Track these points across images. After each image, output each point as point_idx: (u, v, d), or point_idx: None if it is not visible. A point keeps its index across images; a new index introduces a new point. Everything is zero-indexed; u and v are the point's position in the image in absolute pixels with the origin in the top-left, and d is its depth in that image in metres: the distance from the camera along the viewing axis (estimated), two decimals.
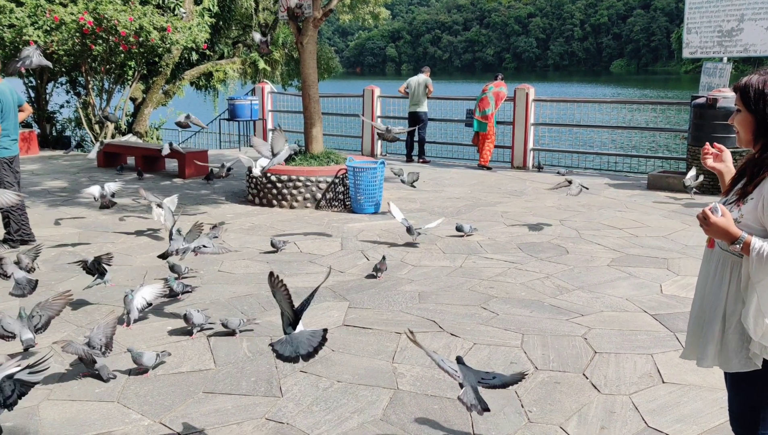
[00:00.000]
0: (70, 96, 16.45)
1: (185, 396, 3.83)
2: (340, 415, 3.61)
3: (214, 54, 18.35)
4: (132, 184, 10.48)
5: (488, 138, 12.30)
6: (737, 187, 2.41)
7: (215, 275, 6.07)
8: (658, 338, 4.59)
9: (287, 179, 8.89)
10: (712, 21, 9.97)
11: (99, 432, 3.44)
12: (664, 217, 8.41)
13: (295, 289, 5.58)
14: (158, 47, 13.40)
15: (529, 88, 12.48)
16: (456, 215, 8.44)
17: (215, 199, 9.54)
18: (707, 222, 2.27)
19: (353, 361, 4.26)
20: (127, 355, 4.34)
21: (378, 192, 8.72)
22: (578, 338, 4.58)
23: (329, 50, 20.86)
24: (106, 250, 6.77)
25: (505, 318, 4.97)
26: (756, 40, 9.60)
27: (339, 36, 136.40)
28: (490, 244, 7.11)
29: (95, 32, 12.66)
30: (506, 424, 3.52)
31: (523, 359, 4.27)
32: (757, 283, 2.26)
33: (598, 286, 5.68)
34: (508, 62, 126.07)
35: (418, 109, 13.20)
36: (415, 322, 4.88)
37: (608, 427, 3.48)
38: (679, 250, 6.79)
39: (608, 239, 7.26)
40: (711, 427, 3.44)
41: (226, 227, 7.40)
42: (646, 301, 5.33)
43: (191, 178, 11.26)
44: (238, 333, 4.66)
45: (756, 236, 2.25)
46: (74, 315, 5.06)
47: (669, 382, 3.95)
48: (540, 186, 10.65)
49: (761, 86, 2.30)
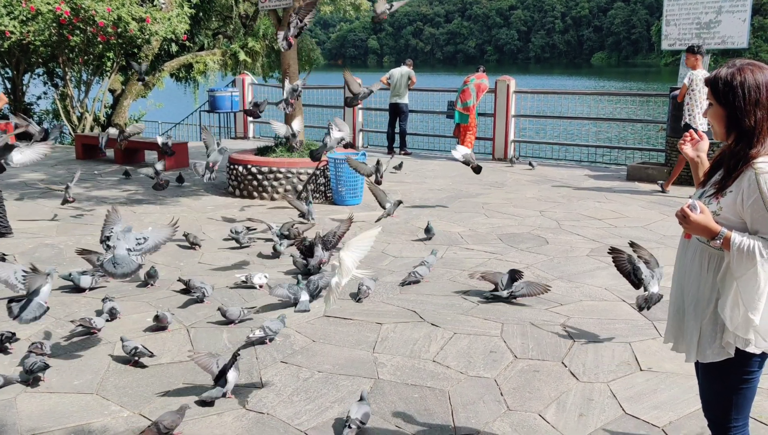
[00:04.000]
0: (47, 87, 16.24)
1: (165, 387, 3.81)
2: (321, 405, 3.62)
3: (194, 45, 18.18)
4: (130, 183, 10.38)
5: (470, 129, 12.33)
6: (714, 180, 2.43)
7: (196, 267, 6.04)
8: (636, 327, 4.64)
9: (268, 171, 8.86)
10: (691, 13, 10.05)
11: (78, 424, 3.42)
12: (642, 207, 8.49)
13: (276, 279, 5.58)
14: (137, 38, 13.26)
15: (510, 79, 12.52)
16: (437, 206, 8.46)
17: (195, 192, 9.49)
18: (687, 220, 2.28)
19: (334, 352, 4.27)
20: (106, 346, 4.32)
21: (359, 183, 8.71)
22: (557, 327, 4.62)
23: (310, 42, 20.72)
24: (84, 242, 6.73)
25: (485, 308, 5.00)
26: (733, 33, 9.69)
27: (320, 28, 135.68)
28: (471, 235, 7.14)
29: (72, 22, 12.51)
30: (485, 411, 3.55)
31: (503, 348, 4.30)
32: (738, 279, 2.28)
33: (577, 276, 5.73)
34: (490, 54, 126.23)
35: (400, 100, 13.19)
36: (395, 313, 4.90)
37: (586, 414, 3.52)
38: (658, 240, 6.86)
39: (588, 230, 7.32)
40: (687, 413, 3.49)
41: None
42: (625, 290, 5.37)
43: (171, 170, 11.16)
44: (236, 323, 4.68)
45: (735, 231, 2.27)
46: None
47: (646, 370, 3.99)
48: (521, 177, 10.71)
49: (729, 79, 2.31)
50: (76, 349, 4.28)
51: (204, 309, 4.98)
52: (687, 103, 9.01)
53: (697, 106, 8.89)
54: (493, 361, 4.12)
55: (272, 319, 4.46)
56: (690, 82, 8.90)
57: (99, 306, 4.87)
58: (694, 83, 8.86)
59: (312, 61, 20.37)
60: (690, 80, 8.90)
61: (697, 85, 8.83)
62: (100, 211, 8.05)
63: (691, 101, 8.96)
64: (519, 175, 10.88)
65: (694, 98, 8.92)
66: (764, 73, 2.30)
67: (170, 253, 6.43)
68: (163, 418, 3.24)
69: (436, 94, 15.04)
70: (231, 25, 18.98)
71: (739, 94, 2.29)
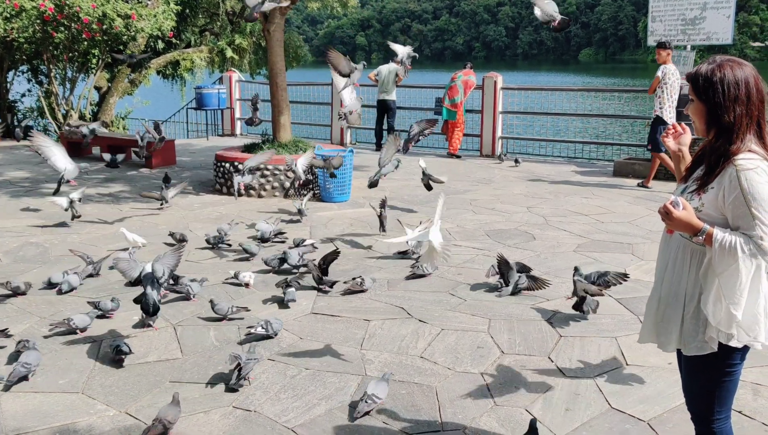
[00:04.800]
0: (31, 85, 16.10)
1: (152, 386, 3.79)
2: (308, 402, 3.61)
3: (180, 42, 18.07)
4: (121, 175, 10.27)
5: (457, 126, 12.34)
6: (696, 176, 2.45)
7: (183, 265, 6.00)
8: (622, 322, 4.67)
9: (255, 168, 8.81)
10: (676, 9, 10.11)
11: (63, 423, 3.40)
12: (629, 203, 8.53)
13: (263, 278, 5.57)
14: (123, 35, 13.15)
15: (497, 76, 12.53)
16: (425, 204, 8.47)
17: (182, 189, 9.42)
18: (669, 216, 2.30)
19: (322, 349, 4.27)
20: (92, 345, 4.29)
21: (347, 181, 8.70)
22: (544, 323, 4.64)
23: (298, 38, 20.62)
24: (70, 241, 6.68)
25: (473, 304, 5.01)
26: (718, 29, 9.76)
27: (308, 24, 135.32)
28: (459, 231, 7.15)
29: (57, 19, 12.39)
30: (472, 407, 3.56)
31: (490, 343, 4.31)
32: (719, 274, 2.30)
33: (564, 272, 5.75)
34: (478, 51, 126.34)
35: (387, 97, 13.18)
36: (383, 309, 4.90)
37: (573, 408, 3.54)
38: (644, 236, 6.90)
39: (574, 225, 7.35)
40: (672, 407, 3.51)
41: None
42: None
43: (158, 167, 11.11)
44: (226, 320, 4.70)
45: (717, 227, 2.29)
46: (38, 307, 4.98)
47: (632, 365, 4.02)
48: (508, 174, 10.73)
49: (710, 75, 2.33)
50: (62, 348, 4.25)
51: (191, 307, 4.97)
52: (658, 96, 9.25)
53: (668, 99, 9.14)
54: (481, 357, 4.13)
55: (274, 318, 4.49)
56: (663, 76, 9.12)
57: (85, 306, 4.85)
58: (667, 76, 9.10)
59: (299, 58, 20.29)
60: (663, 73, 9.13)
61: (669, 78, 9.08)
62: (86, 209, 8.00)
63: (663, 94, 9.19)
64: (506, 172, 10.91)
65: (666, 91, 9.15)
66: (743, 69, 2.32)
67: (157, 252, 6.39)
68: (165, 414, 3.25)
69: (423, 90, 15.04)
70: (218, 22, 18.86)
71: (719, 90, 2.30)
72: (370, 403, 3.47)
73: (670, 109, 9.12)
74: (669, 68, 9.13)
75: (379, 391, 3.52)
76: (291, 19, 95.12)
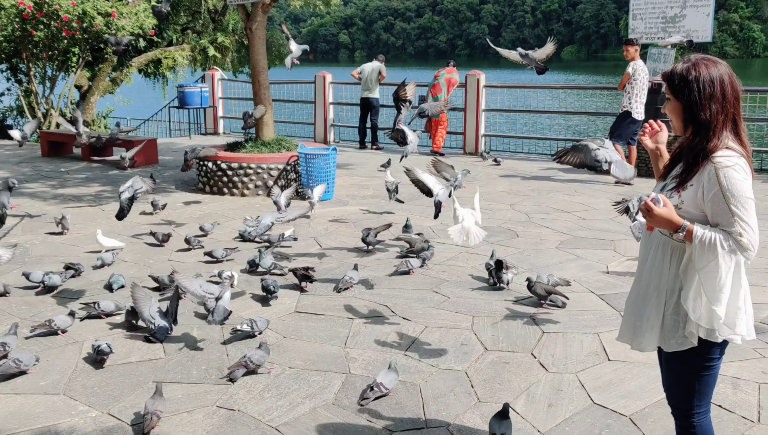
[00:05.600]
0: (11, 83, 15.91)
1: (134, 386, 3.77)
2: (292, 401, 3.61)
3: (162, 41, 17.95)
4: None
5: (441, 124, 12.36)
6: (675, 173, 2.47)
7: (166, 265, 5.98)
8: (604, 317, 4.70)
9: (238, 167, 8.79)
10: (656, 7, 10.18)
11: (44, 425, 3.37)
12: (611, 199, 8.57)
13: (246, 278, 5.55)
14: (103, 33, 13.04)
15: (480, 74, 12.57)
16: (410, 201, 8.47)
17: (165, 188, 9.38)
18: (650, 213, 2.32)
19: (305, 347, 4.26)
20: (73, 346, 4.26)
21: (331, 179, 8.69)
22: (527, 319, 4.66)
23: (281, 37, 20.57)
24: (50, 241, 6.62)
25: (456, 301, 5.03)
26: (697, 26, 9.84)
27: (291, 22, 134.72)
28: (442, 228, 7.15)
29: (36, 17, 12.27)
30: (456, 404, 3.57)
31: (474, 341, 4.33)
32: (700, 270, 2.32)
33: (546, 268, 5.78)
34: (461, 49, 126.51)
35: (370, 95, 13.18)
36: (367, 307, 4.90)
37: (555, 404, 3.56)
38: (625, 232, 6.95)
39: (557, 223, 7.39)
40: (654, 402, 3.54)
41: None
42: (593, 281, 5.45)
43: (140, 167, 11.02)
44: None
45: (698, 223, 2.32)
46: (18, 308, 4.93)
47: (614, 360, 4.05)
48: (491, 171, 10.76)
49: (685, 74, 2.36)
50: (42, 349, 4.21)
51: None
52: (627, 92, 9.49)
53: (636, 95, 9.39)
54: (464, 354, 4.15)
55: (260, 317, 4.52)
56: (633, 72, 9.36)
57: (63, 308, 4.81)
58: (637, 73, 9.35)
59: (283, 56, 20.22)
60: (633, 70, 9.37)
61: (639, 75, 9.33)
62: (66, 209, 7.92)
63: (632, 90, 9.44)
64: (490, 169, 10.94)
65: (635, 87, 9.38)
66: (718, 67, 2.35)
67: (139, 251, 6.37)
68: (154, 406, 3.32)
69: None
70: (200, 20, 18.75)
71: (694, 88, 2.33)
72: (377, 391, 3.55)
73: (638, 104, 9.38)
74: (638, 64, 9.40)
75: (387, 381, 3.60)
76: (273, 17, 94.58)
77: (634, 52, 9.48)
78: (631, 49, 9.50)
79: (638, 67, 9.35)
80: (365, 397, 3.55)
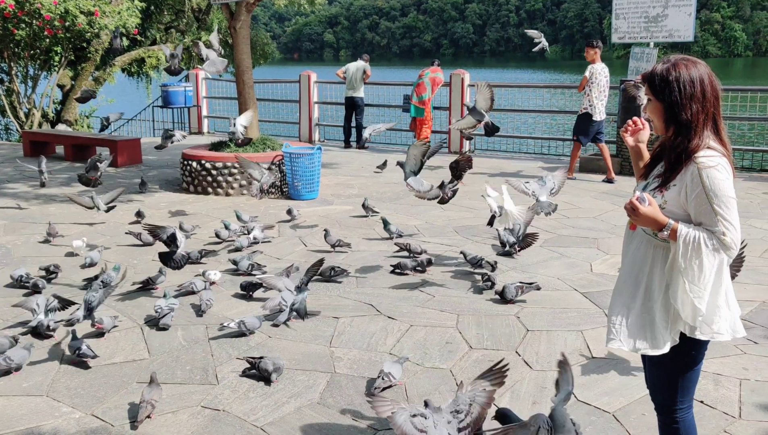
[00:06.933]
0: None
1: (118, 387, 3.75)
2: (277, 401, 3.61)
3: (146, 39, 17.87)
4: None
5: (425, 123, 12.37)
6: (656, 173, 2.49)
7: (150, 265, 5.95)
8: (587, 315, 4.74)
9: (222, 166, 8.76)
10: (639, 7, 10.25)
11: (27, 427, 3.35)
12: (594, 198, 8.65)
13: (230, 278, 5.54)
14: (86, 32, 12.96)
15: (464, 73, 12.61)
16: (395, 200, 8.49)
17: (149, 188, 9.32)
18: (636, 212, 2.34)
19: (290, 347, 4.26)
20: (56, 347, 4.23)
21: (316, 178, 8.68)
22: (511, 317, 4.69)
23: (265, 36, 20.52)
24: (33, 241, 6.56)
25: (441, 300, 5.04)
26: (680, 26, 9.92)
27: (276, 22, 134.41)
28: (428, 227, 7.19)
29: (17, 16, 12.15)
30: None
31: (458, 339, 4.35)
32: (684, 269, 2.34)
33: (530, 266, 5.81)
34: (446, 48, 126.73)
35: (355, 94, 13.18)
36: (352, 306, 4.90)
37: (540, 402, 3.58)
38: (609, 230, 7.01)
39: (541, 221, 7.40)
40: (637, 398, 3.58)
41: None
42: (577, 279, 5.49)
43: (124, 166, 10.97)
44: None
45: (682, 223, 2.34)
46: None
47: (597, 357, 4.08)
48: (476, 170, 10.78)
49: (665, 74, 2.38)
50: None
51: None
52: (587, 94, 9.63)
53: (596, 97, 9.52)
54: (449, 352, 4.17)
55: (253, 315, 4.52)
56: (590, 75, 9.52)
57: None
58: (594, 76, 9.49)
59: (267, 56, 20.19)
60: (590, 73, 9.53)
61: (597, 77, 9.48)
62: (48, 209, 7.87)
63: (591, 93, 9.57)
64: (474, 168, 10.94)
65: (593, 90, 9.53)
66: (698, 68, 2.37)
67: (123, 252, 6.33)
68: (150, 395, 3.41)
69: (391, 87, 15.04)
70: (184, 19, 18.68)
71: (674, 88, 2.36)
72: (386, 380, 3.62)
73: (599, 105, 9.53)
74: (596, 67, 9.53)
75: (394, 371, 3.67)
76: (258, 16, 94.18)
77: (593, 54, 9.59)
78: (591, 51, 9.62)
79: (596, 70, 9.47)
80: (375, 385, 3.62)
